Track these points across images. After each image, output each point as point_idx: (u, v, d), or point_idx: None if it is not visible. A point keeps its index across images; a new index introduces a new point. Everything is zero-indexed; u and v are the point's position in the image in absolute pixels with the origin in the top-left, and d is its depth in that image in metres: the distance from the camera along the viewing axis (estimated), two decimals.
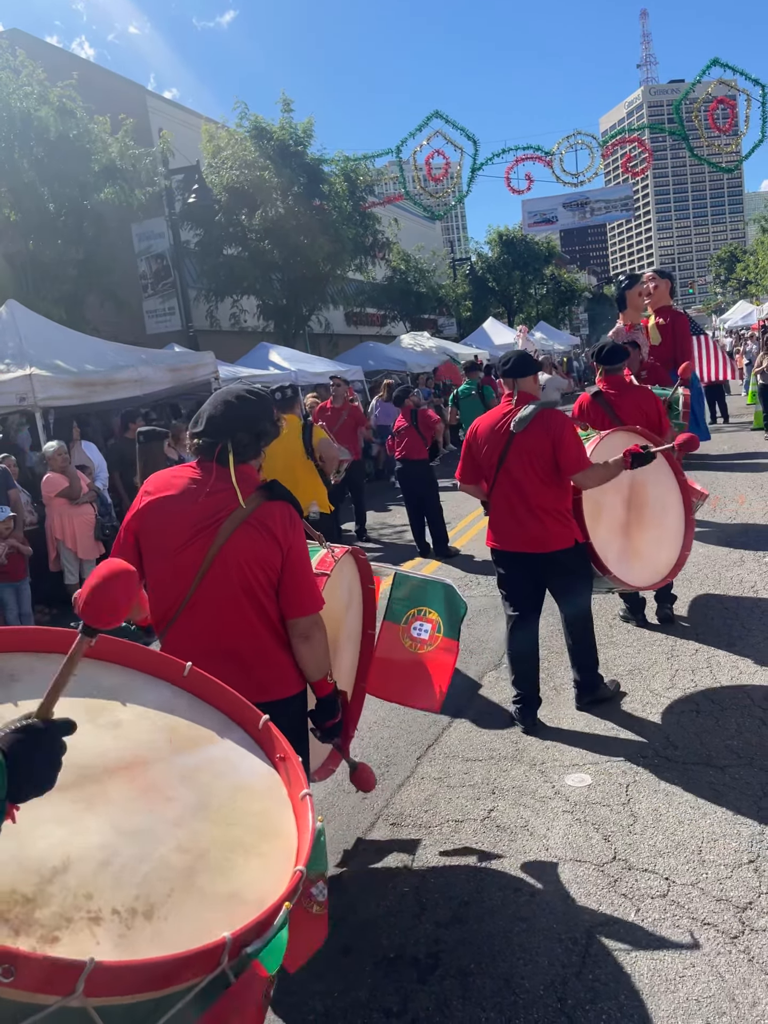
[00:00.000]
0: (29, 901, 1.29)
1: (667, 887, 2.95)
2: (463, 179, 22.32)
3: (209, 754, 1.83)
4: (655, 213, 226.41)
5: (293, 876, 1.52)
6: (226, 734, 1.92)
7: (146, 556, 2.59)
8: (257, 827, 1.68)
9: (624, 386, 5.76)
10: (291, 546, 2.53)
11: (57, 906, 1.30)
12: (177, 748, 1.79)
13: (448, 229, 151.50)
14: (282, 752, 1.87)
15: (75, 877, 1.36)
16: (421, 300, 30.66)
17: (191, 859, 1.52)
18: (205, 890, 1.47)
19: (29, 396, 8.68)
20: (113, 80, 21.41)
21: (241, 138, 18.32)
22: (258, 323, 20.29)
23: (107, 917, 1.33)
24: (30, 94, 12.29)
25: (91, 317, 14.16)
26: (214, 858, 1.55)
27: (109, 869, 1.41)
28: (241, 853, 1.59)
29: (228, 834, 1.62)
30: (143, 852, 1.48)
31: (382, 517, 11.46)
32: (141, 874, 1.43)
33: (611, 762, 3.90)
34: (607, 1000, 2.48)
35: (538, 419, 4.27)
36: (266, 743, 1.92)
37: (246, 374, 14.30)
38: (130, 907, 1.36)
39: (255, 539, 2.50)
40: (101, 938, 1.29)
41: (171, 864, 1.49)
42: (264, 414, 2.62)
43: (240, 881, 1.53)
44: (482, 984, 2.61)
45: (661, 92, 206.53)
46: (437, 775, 4.00)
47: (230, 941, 1.31)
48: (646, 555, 4.84)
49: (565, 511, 4.37)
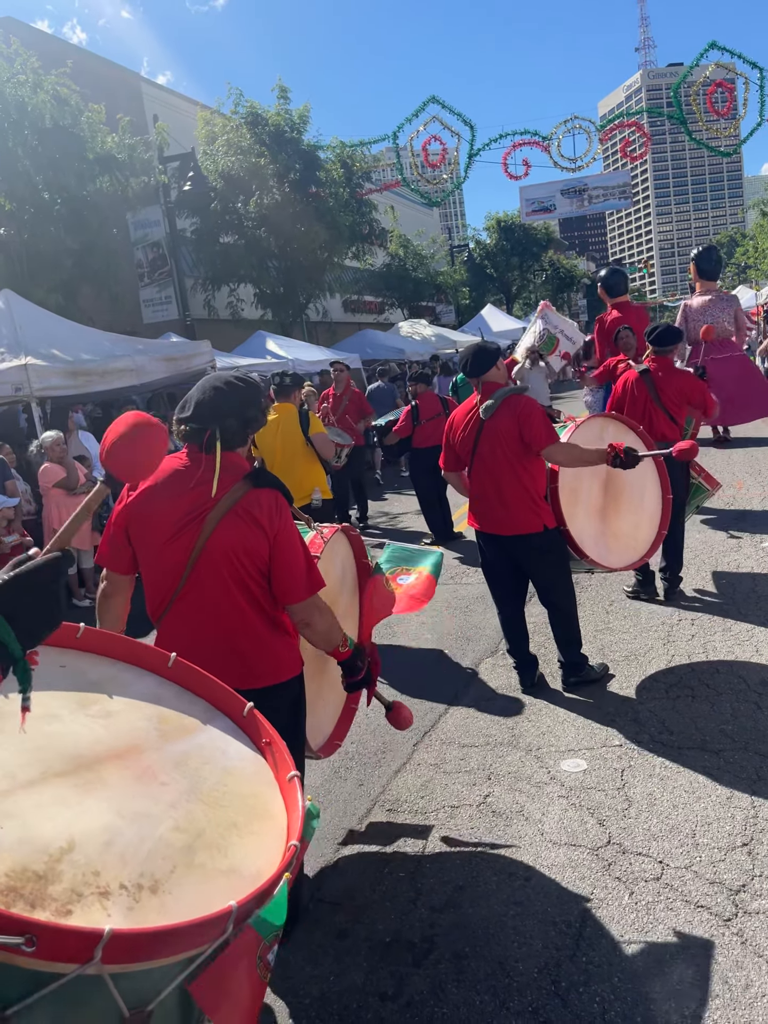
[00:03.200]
0: (41, 878, 1.34)
1: (661, 870, 2.97)
2: (460, 165, 22.19)
3: (197, 741, 1.87)
4: (654, 198, 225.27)
5: (288, 850, 1.59)
6: (212, 722, 1.96)
7: (137, 549, 2.59)
8: (248, 808, 1.74)
9: (671, 369, 5.92)
10: (278, 533, 2.51)
11: (68, 882, 1.36)
12: (167, 736, 1.83)
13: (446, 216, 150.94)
14: (267, 737, 1.91)
15: (82, 856, 1.42)
16: (419, 287, 30.55)
17: (189, 838, 1.58)
18: (206, 866, 1.54)
19: (25, 386, 8.65)
20: (107, 67, 21.24)
21: (236, 124, 18.20)
22: (255, 312, 20.21)
23: (115, 891, 1.39)
24: (24, 82, 12.20)
25: (87, 306, 14.11)
26: (210, 837, 1.61)
27: (113, 848, 1.47)
28: (235, 832, 1.65)
29: (222, 815, 1.68)
30: (144, 832, 1.53)
31: (379, 506, 11.46)
32: (144, 852, 1.49)
33: (606, 747, 3.91)
34: (601, 983, 2.49)
35: (505, 404, 4.44)
36: (251, 729, 1.96)
37: (243, 363, 14.27)
38: (136, 882, 1.42)
39: (241, 528, 2.49)
40: (111, 911, 1.35)
41: (171, 843, 1.55)
42: (253, 401, 2.59)
43: (237, 857, 1.59)
44: (476, 967, 2.63)
45: (660, 76, 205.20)
46: (433, 761, 4.02)
47: (236, 909, 1.37)
48: (624, 537, 4.95)
49: (536, 496, 4.47)
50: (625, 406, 5.83)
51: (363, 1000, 2.56)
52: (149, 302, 19.24)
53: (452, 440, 4.74)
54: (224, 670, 2.34)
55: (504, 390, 4.49)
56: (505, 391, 4.48)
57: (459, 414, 4.75)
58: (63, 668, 1.91)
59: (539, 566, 4.59)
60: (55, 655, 1.94)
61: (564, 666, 4.67)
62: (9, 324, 9.52)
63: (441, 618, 6.20)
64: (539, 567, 4.59)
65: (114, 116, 13.58)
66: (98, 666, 1.96)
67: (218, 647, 2.53)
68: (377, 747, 4.22)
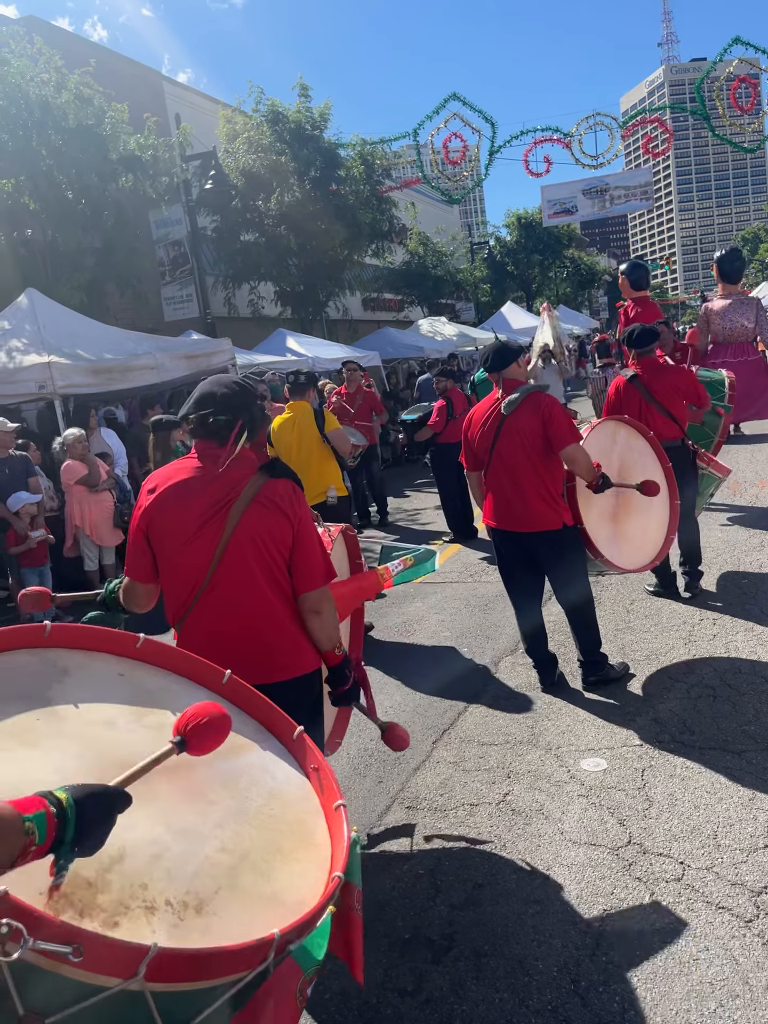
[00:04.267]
0: (91, 885, 1.34)
1: (682, 871, 2.96)
2: (481, 162, 22.11)
3: (247, 760, 1.88)
4: (676, 194, 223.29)
5: (332, 881, 1.58)
6: (261, 742, 1.97)
7: (158, 552, 2.61)
8: (293, 834, 1.73)
9: (658, 367, 5.87)
10: (300, 520, 2.58)
11: (116, 893, 1.36)
12: (217, 754, 1.83)
13: (466, 213, 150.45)
14: (315, 763, 1.91)
15: (131, 867, 1.42)
16: (439, 284, 30.47)
17: (234, 860, 1.57)
18: (248, 890, 1.53)
19: (48, 384, 8.73)
20: (130, 66, 21.33)
21: (257, 122, 18.24)
22: (275, 309, 20.26)
23: (161, 907, 1.38)
24: (48, 82, 12.30)
25: (109, 304, 14.21)
26: (254, 860, 1.60)
27: (161, 863, 1.47)
28: (279, 857, 1.65)
29: (267, 839, 1.68)
30: (191, 850, 1.53)
31: (398, 503, 11.45)
32: (190, 870, 1.49)
33: (627, 747, 3.90)
34: (620, 982, 2.49)
35: (527, 401, 4.43)
36: (299, 753, 1.97)
37: (263, 361, 14.31)
38: (181, 900, 1.42)
39: (265, 516, 2.53)
40: (156, 927, 1.34)
41: (217, 863, 1.54)
42: (257, 400, 2.69)
43: (279, 884, 1.58)
44: (496, 965, 2.63)
45: (683, 71, 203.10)
46: (453, 759, 4.02)
47: (279, 938, 1.36)
48: (634, 539, 4.96)
49: (555, 493, 4.48)
50: (623, 409, 5.78)
51: (383, 996, 2.57)
52: (170, 300, 19.34)
53: (470, 438, 4.73)
54: (247, 664, 2.35)
55: (527, 387, 4.49)
56: (528, 388, 4.48)
57: (477, 412, 4.74)
58: (121, 676, 1.94)
59: (557, 564, 4.57)
60: (115, 663, 1.96)
61: (583, 665, 4.66)
62: (33, 322, 9.61)
63: (460, 616, 6.20)
64: (557, 565, 4.58)
65: (137, 115, 13.65)
66: (154, 677, 1.98)
67: (241, 641, 2.54)
68: None
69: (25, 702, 1.69)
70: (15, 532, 7.10)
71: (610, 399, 5.96)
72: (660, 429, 5.55)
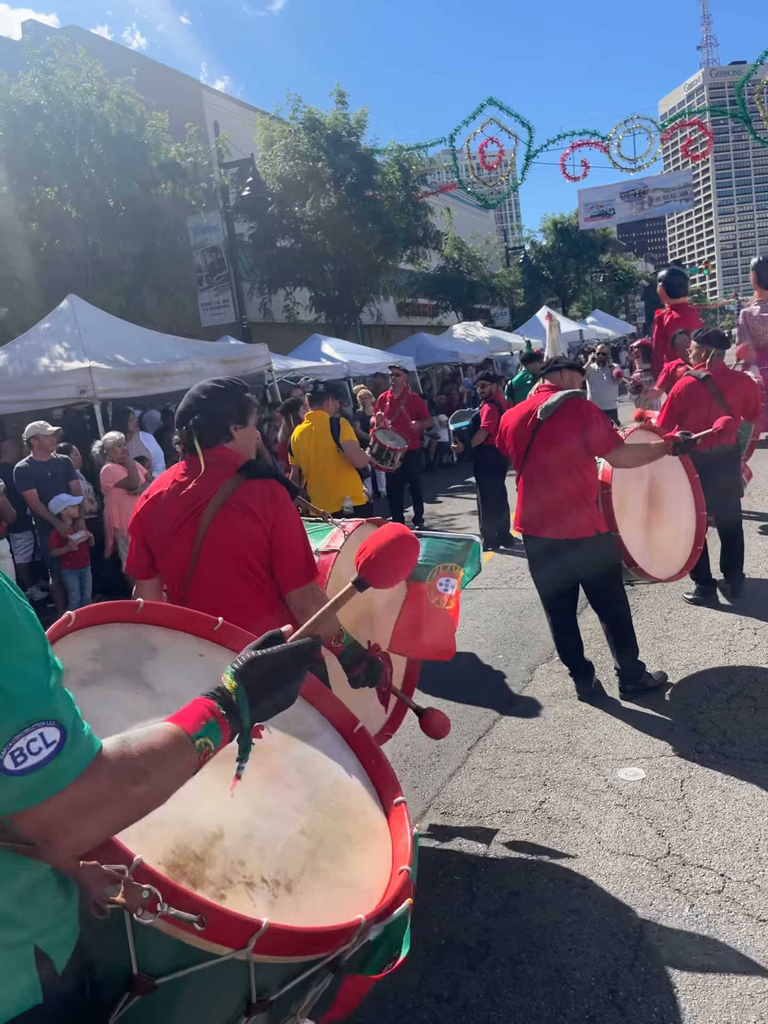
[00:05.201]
0: (199, 859, 1.42)
1: (722, 883, 2.92)
2: (517, 166, 22.08)
3: (313, 749, 1.93)
4: (716, 198, 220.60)
5: (400, 874, 1.63)
6: (324, 732, 2.02)
7: (152, 549, 2.77)
8: (359, 824, 1.79)
9: (729, 372, 5.93)
10: (275, 522, 2.62)
11: (220, 867, 1.44)
12: (289, 740, 1.88)
13: (501, 217, 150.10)
14: (375, 757, 1.96)
15: (230, 844, 1.49)
16: (473, 289, 30.41)
17: (313, 844, 1.64)
18: (329, 874, 1.60)
19: (89, 388, 8.88)
20: (169, 74, 21.65)
21: (294, 129, 18.39)
22: (310, 315, 20.38)
23: (258, 884, 1.46)
24: (90, 91, 12.53)
25: (147, 310, 14.40)
26: (330, 846, 1.67)
27: (253, 842, 1.54)
28: (349, 846, 1.71)
29: (338, 827, 1.74)
30: (277, 831, 1.61)
31: (431, 508, 11.44)
32: (278, 850, 1.57)
33: (665, 757, 3.86)
34: (659, 993, 2.47)
35: (565, 407, 4.42)
36: (358, 747, 2.01)
37: (298, 366, 14.39)
38: (274, 878, 1.50)
39: (236, 520, 2.61)
40: (256, 902, 1.43)
41: (299, 846, 1.61)
42: (227, 397, 2.74)
43: (353, 871, 1.65)
44: (532, 973, 2.62)
45: (722, 74, 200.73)
46: (488, 766, 4.01)
47: (364, 922, 1.44)
48: (663, 549, 4.96)
49: (590, 500, 4.46)
50: (689, 411, 5.72)
51: (419, 1000, 2.57)
52: (207, 306, 19.53)
53: (506, 442, 4.73)
54: None
55: (566, 392, 4.47)
56: (567, 393, 4.46)
57: (513, 416, 4.74)
58: (201, 657, 1.99)
59: (591, 571, 4.54)
60: (194, 643, 2.02)
61: (620, 673, 4.62)
62: (74, 327, 9.79)
63: (496, 623, 6.18)
64: (591, 572, 4.54)
65: (176, 123, 13.84)
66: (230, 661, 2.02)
67: None
68: (431, 750, 4.22)
69: (123, 677, 1.76)
70: (57, 534, 7.23)
71: (675, 398, 5.84)
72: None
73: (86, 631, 1.83)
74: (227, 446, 2.71)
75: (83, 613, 1.81)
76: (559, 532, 4.48)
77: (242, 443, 2.77)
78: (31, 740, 1.02)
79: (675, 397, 5.84)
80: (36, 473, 7.40)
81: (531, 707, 4.62)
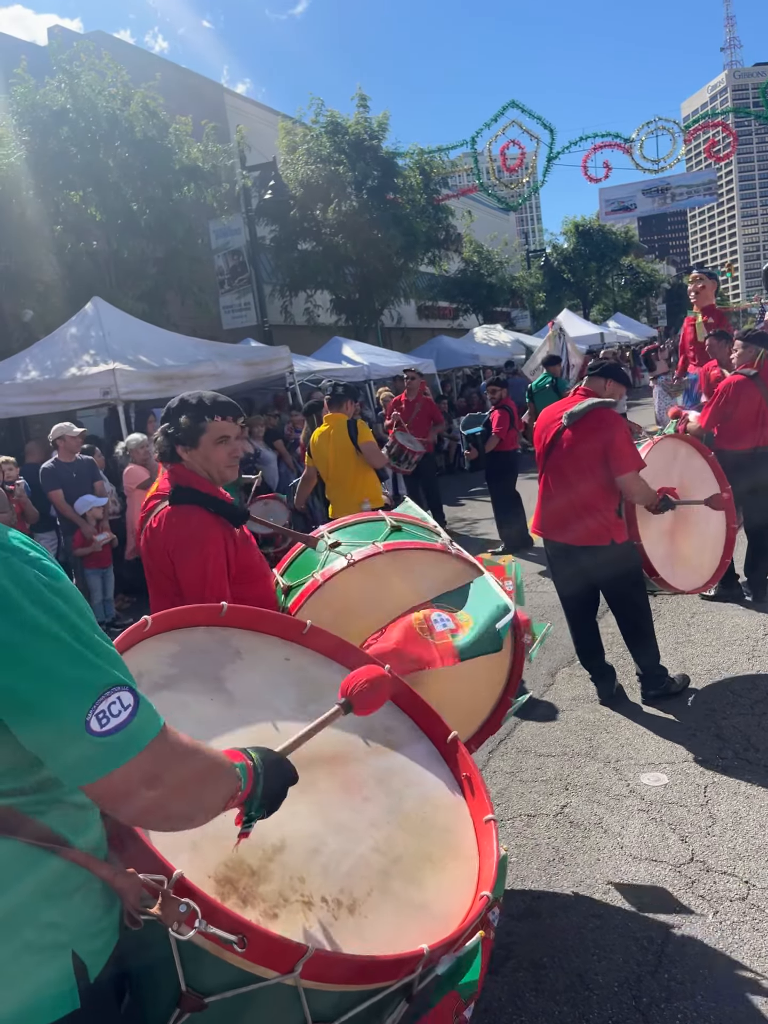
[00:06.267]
0: (254, 874, 1.37)
1: (747, 890, 2.90)
2: (538, 169, 21.98)
3: (401, 760, 1.85)
4: (739, 200, 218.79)
5: (480, 900, 1.54)
6: (415, 743, 1.93)
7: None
8: (444, 843, 1.70)
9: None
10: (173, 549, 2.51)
11: (276, 884, 1.38)
12: (373, 750, 1.82)
13: (523, 220, 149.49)
14: (468, 771, 1.87)
15: (291, 858, 1.44)
16: (493, 292, 30.34)
17: (387, 862, 1.56)
18: (400, 896, 1.52)
19: (112, 390, 8.95)
20: (192, 78, 21.79)
21: (317, 133, 18.46)
22: (331, 318, 20.43)
23: (317, 904, 1.40)
24: (115, 95, 12.65)
25: (170, 313, 14.49)
26: (406, 865, 1.58)
27: (318, 858, 1.48)
28: (429, 865, 1.62)
29: (418, 844, 1.65)
30: (346, 847, 1.54)
31: (453, 511, 11.43)
32: (345, 869, 1.49)
33: (688, 762, 3.83)
34: (683, 999, 2.45)
35: (591, 415, 4.36)
36: (451, 759, 1.92)
37: (319, 368, 14.43)
38: (336, 898, 1.43)
39: (153, 548, 2.60)
40: (312, 923, 1.36)
41: (370, 863, 1.54)
42: (173, 416, 2.59)
43: (429, 893, 1.56)
44: (555, 978, 2.61)
45: (746, 75, 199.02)
46: (509, 769, 4.00)
47: (428, 953, 1.36)
48: (690, 560, 4.87)
49: (606, 509, 4.38)
50: (737, 410, 5.67)
51: None
52: (229, 308, 19.62)
53: (535, 440, 4.72)
54: None
55: (594, 402, 4.41)
56: (595, 403, 4.40)
57: (544, 416, 4.70)
58: (287, 661, 1.96)
59: (606, 579, 4.50)
60: (281, 647, 1.99)
61: (643, 678, 4.59)
62: (98, 330, 9.88)
63: None
64: (607, 580, 4.51)
65: (200, 128, 13.93)
66: (317, 665, 1.99)
67: None
68: None
69: (200, 681, 1.74)
70: (81, 534, 7.29)
71: (722, 398, 5.75)
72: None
73: (167, 635, 1.80)
74: (183, 465, 2.60)
75: (161, 617, 1.78)
76: (574, 538, 4.45)
77: (198, 464, 2.59)
78: (111, 703, 1.06)
79: (723, 395, 5.74)
80: (61, 474, 7.47)
81: (552, 711, 4.61)
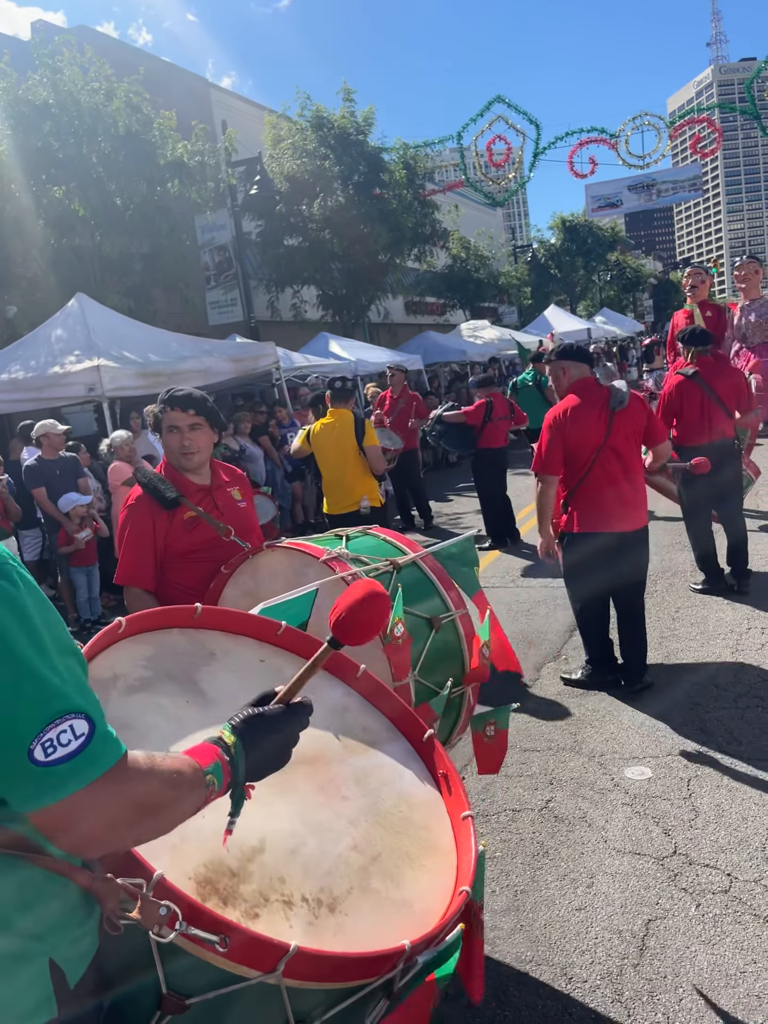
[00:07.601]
0: (234, 875, 1.37)
1: (729, 883, 2.91)
2: (525, 164, 22.02)
3: (378, 759, 1.85)
4: (725, 195, 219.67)
5: (459, 895, 1.54)
6: (392, 742, 1.94)
7: None
8: (421, 840, 1.70)
9: (717, 367, 5.98)
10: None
11: (256, 884, 1.38)
12: (350, 749, 1.82)
13: (509, 216, 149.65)
14: (444, 768, 1.87)
15: (270, 859, 1.43)
16: (480, 288, 30.36)
17: (366, 860, 1.56)
18: (380, 893, 1.52)
19: (97, 387, 8.89)
20: (176, 72, 21.67)
21: (302, 128, 18.40)
22: (317, 313, 20.39)
23: (298, 903, 1.39)
24: (98, 90, 12.55)
25: (156, 309, 14.42)
26: (385, 863, 1.59)
27: (298, 858, 1.47)
28: (408, 863, 1.62)
29: (397, 842, 1.65)
30: (325, 847, 1.53)
31: (439, 506, 11.44)
32: (325, 867, 1.49)
33: (671, 756, 3.85)
34: (665, 993, 2.46)
35: (634, 398, 4.54)
36: (428, 757, 1.92)
37: (306, 364, 14.40)
38: (316, 897, 1.42)
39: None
40: (293, 922, 1.36)
41: (349, 862, 1.54)
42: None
43: (409, 890, 1.56)
44: (538, 972, 2.62)
45: (732, 71, 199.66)
46: None
47: (409, 949, 1.35)
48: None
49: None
50: (682, 410, 5.82)
51: None
52: (215, 304, 19.55)
53: (567, 436, 4.40)
54: None
55: (624, 384, 4.52)
56: (625, 385, 4.53)
57: (574, 408, 4.43)
58: (262, 663, 1.94)
59: (640, 560, 4.63)
60: (256, 648, 1.98)
61: (629, 671, 4.61)
62: (82, 326, 9.81)
63: (502, 621, 6.12)
64: (640, 561, 4.63)
65: (184, 122, 13.86)
66: (293, 666, 1.94)
67: None
68: None
69: (175, 683, 1.73)
70: (65, 532, 7.25)
71: (667, 399, 5.94)
72: (722, 427, 5.74)
73: (141, 637, 1.79)
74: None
75: (135, 619, 1.76)
76: (638, 522, 4.53)
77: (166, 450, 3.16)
78: (62, 732, 1.01)
79: (668, 396, 5.96)
80: (45, 471, 7.42)
81: (538, 706, 4.61)
